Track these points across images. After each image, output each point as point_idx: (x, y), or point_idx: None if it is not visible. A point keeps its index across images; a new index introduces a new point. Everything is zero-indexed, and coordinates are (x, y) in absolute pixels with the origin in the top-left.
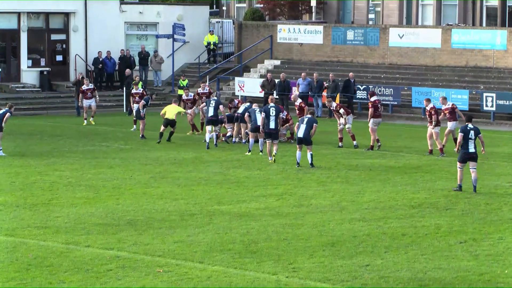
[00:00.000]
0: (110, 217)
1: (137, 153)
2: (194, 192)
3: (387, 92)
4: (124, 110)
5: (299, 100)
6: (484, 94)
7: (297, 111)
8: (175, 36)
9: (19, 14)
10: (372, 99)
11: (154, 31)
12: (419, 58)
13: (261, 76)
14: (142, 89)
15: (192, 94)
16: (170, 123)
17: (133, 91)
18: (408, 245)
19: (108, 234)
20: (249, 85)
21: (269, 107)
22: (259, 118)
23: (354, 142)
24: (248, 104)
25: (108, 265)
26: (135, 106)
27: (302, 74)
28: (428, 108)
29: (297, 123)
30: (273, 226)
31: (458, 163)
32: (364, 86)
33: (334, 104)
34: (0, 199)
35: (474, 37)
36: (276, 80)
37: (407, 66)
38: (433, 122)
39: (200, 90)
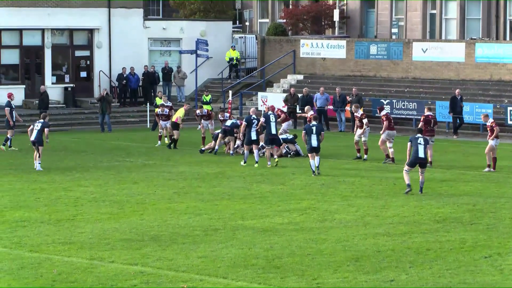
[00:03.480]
0: (134, 232)
1: (161, 169)
2: (218, 207)
3: (410, 107)
4: (148, 126)
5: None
6: (509, 108)
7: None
8: (198, 52)
9: (43, 30)
10: (383, 112)
11: (177, 46)
12: (443, 72)
13: (284, 91)
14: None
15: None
16: (172, 126)
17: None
18: (433, 260)
19: (132, 249)
20: (272, 100)
21: (268, 114)
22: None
23: (365, 156)
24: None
25: (132, 280)
26: (161, 123)
27: (321, 89)
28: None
29: (304, 131)
30: (297, 241)
31: (406, 166)
32: (387, 101)
33: (360, 112)
34: (25, 215)
35: (498, 51)
36: (299, 95)
37: (431, 80)
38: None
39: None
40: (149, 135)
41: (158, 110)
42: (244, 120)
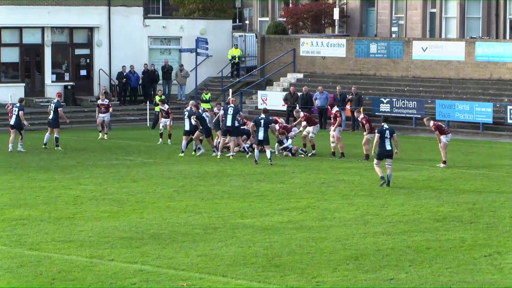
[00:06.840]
0: (133, 230)
1: (161, 167)
2: (217, 206)
3: (410, 105)
4: (148, 124)
5: (302, 114)
6: (508, 107)
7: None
8: (198, 50)
9: (43, 29)
10: (335, 109)
11: (177, 45)
12: (443, 71)
13: (284, 90)
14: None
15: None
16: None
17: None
18: (432, 259)
19: (132, 247)
20: (272, 98)
21: (228, 106)
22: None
23: (313, 151)
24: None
25: (132, 279)
26: (162, 120)
27: (319, 88)
28: (359, 118)
29: (252, 123)
30: (297, 240)
31: (375, 160)
32: (387, 99)
33: (301, 114)
34: (24, 213)
35: (498, 49)
36: (299, 94)
37: (430, 79)
38: (367, 130)
39: (100, 101)
40: (149, 134)
41: (159, 106)
42: (222, 108)
